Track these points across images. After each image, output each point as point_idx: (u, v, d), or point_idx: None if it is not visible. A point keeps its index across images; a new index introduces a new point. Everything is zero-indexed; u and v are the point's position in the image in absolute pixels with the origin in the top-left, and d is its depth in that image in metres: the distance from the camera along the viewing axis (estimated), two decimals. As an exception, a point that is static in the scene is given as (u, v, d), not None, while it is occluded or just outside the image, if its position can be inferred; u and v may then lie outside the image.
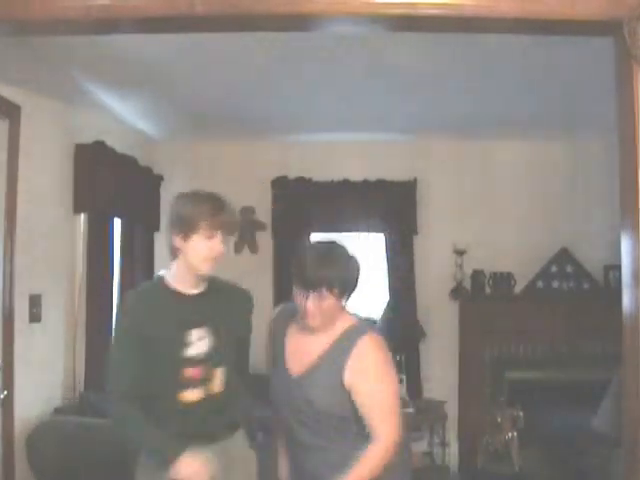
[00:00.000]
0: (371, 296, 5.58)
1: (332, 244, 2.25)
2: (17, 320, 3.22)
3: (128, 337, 2.24)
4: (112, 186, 4.16)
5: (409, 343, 5.24)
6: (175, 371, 2.24)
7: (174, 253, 2.26)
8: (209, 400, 2.28)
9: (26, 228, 3.28)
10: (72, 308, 3.94)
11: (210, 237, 2.21)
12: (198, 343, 2.25)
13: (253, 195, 5.49)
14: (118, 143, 4.30)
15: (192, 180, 5.49)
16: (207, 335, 2.27)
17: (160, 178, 5.19)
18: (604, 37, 2.01)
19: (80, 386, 3.95)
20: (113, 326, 2.39)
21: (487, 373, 5.25)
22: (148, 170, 4.98)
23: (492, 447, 4.75)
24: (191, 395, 2.25)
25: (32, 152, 3.35)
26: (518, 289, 5.39)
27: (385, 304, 5.42)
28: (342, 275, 2.17)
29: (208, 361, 2.27)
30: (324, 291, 2.13)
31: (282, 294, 5.45)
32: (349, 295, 2.23)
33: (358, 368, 2.15)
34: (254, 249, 5.56)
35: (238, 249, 5.53)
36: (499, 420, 4.73)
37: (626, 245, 1.99)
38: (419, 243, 5.45)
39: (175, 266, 2.29)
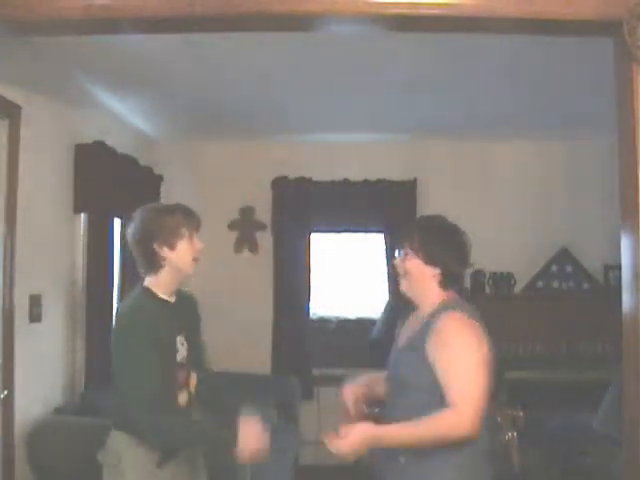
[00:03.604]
0: (371, 296, 5.58)
1: (439, 217, 2.34)
2: (17, 320, 3.21)
3: (147, 348, 2.27)
4: (112, 186, 4.15)
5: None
6: (173, 375, 2.36)
7: (158, 264, 2.37)
8: (190, 402, 2.43)
9: (26, 228, 3.28)
10: (72, 308, 3.94)
11: (191, 239, 2.40)
12: (181, 348, 2.41)
13: (253, 195, 5.49)
14: (118, 143, 4.29)
15: (192, 180, 5.51)
16: (185, 341, 2.43)
17: (160, 178, 5.18)
18: (603, 37, 2.01)
19: (80, 386, 3.94)
20: (120, 342, 2.34)
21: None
22: (148, 170, 4.97)
23: (492, 447, 4.73)
24: (182, 398, 2.40)
25: (32, 152, 3.34)
26: (518, 289, 5.39)
27: (385, 304, 5.41)
28: (425, 232, 2.24)
29: (187, 365, 2.43)
30: (406, 246, 2.23)
31: (282, 294, 5.45)
32: (447, 270, 2.22)
33: (435, 341, 2.11)
34: (254, 249, 5.55)
35: (238, 249, 5.53)
36: (499, 420, 4.72)
37: (626, 245, 1.99)
38: (419, 243, 5.43)
39: (160, 276, 2.40)
